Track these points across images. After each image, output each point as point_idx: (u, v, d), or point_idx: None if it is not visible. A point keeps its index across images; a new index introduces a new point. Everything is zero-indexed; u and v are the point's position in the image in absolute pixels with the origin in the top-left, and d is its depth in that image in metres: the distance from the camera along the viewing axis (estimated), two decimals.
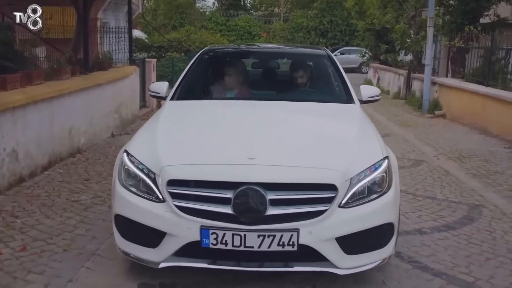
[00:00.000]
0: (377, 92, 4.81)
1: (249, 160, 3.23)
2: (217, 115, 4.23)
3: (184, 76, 4.91)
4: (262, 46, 6.23)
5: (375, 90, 4.84)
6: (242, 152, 3.32)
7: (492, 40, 11.06)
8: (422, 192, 5.90)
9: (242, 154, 3.29)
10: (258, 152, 3.32)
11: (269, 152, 3.39)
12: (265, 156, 3.31)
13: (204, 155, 3.39)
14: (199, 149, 3.48)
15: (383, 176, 3.39)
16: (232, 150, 3.41)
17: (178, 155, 3.40)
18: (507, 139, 9.08)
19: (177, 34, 23.53)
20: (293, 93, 4.88)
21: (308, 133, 3.78)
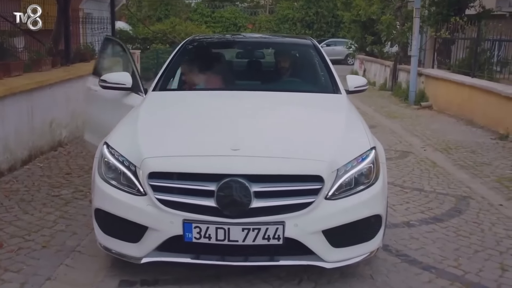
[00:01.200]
0: (363, 82, 4.72)
1: (232, 152, 3.13)
2: (200, 106, 4.10)
3: (167, 66, 4.77)
4: (247, 36, 6.11)
5: (362, 80, 4.74)
6: (225, 143, 3.21)
7: (478, 31, 11.04)
8: (410, 184, 5.84)
9: (226, 145, 3.18)
10: (242, 143, 3.22)
11: (253, 143, 3.28)
12: (249, 147, 3.20)
13: (186, 147, 3.28)
14: (181, 140, 3.36)
15: (370, 167, 3.30)
16: (215, 141, 3.30)
17: (159, 147, 3.28)
18: (493, 130, 9.06)
19: (162, 25, 23.29)
20: (278, 83, 4.78)
21: (294, 123, 3.67)
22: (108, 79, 4.55)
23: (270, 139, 3.37)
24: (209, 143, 3.30)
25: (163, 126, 3.62)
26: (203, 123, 3.64)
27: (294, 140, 3.37)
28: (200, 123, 3.65)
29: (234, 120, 3.66)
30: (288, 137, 3.41)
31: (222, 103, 4.14)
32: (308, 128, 3.59)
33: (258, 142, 3.31)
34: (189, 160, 3.15)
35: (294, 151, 3.22)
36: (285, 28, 35.82)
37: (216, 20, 35.36)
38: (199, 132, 3.49)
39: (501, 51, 11.95)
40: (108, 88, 4.57)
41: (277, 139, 3.38)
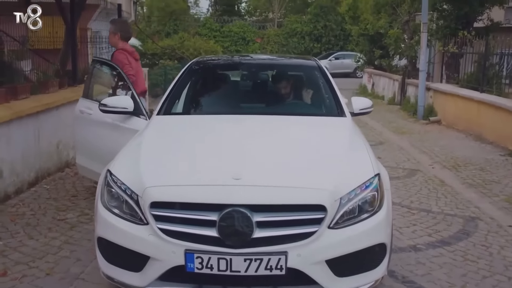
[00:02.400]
0: (368, 104, 4.68)
1: (234, 181, 3.10)
2: (203, 132, 4.08)
3: (172, 89, 4.78)
4: (252, 57, 6.10)
5: (367, 102, 4.71)
6: (227, 172, 3.19)
7: (486, 45, 10.99)
8: (417, 204, 5.78)
9: (228, 174, 3.16)
10: (244, 171, 3.20)
11: (255, 171, 3.26)
12: (251, 176, 3.18)
13: (188, 176, 3.26)
14: (183, 169, 3.35)
15: (374, 195, 3.26)
16: (217, 170, 3.28)
17: (161, 176, 3.27)
18: (502, 146, 8.98)
19: (170, 41, 23.46)
20: (283, 106, 4.76)
21: (297, 150, 3.64)
22: (109, 103, 4.57)
23: (272, 166, 3.34)
24: (211, 171, 3.28)
25: (165, 154, 3.61)
26: (205, 151, 3.62)
27: (297, 167, 3.34)
28: (203, 151, 3.63)
29: (237, 147, 3.63)
30: (290, 165, 3.38)
31: (225, 128, 4.13)
32: (311, 155, 3.56)
33: (260, 170, 3.28)
34: (190, 190, 3.14)
35: (297, 179, 3.19)
36: (293, 42, 35.89)
37: (224, 34, 35.51)
38: (202, 160, 3.47)
39: (510, 65, 11.86)
40: (108, 112, 4.60)
41: (279, 166, 3.35)
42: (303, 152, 3.59)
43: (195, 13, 40.74)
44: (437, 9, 14.57)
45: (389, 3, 17.69)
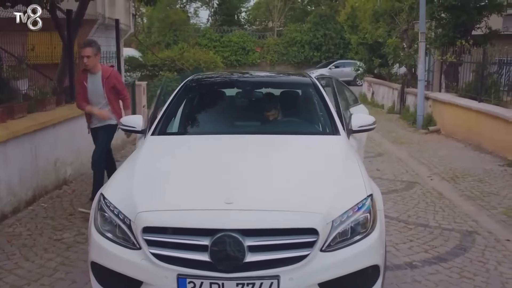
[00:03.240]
0: (368, 121, 4.57)
1: (226, 205, 3.10)
2: (197, 153, 4.07)
3: (167, 108, 4.78)
4: (247, 75, 6.09)
5: (367, 119, 4.61)
6: (219, 196, 3.19)
7: (484, 53, 10.99)
8: (415, 219, 5.76)
9: (219, 198, 3.16)
10: (236, 195, 3.19)
11: (247, 195, 3.25)
12: (243, 199, 3.18)
13: (180, 200, 3.25)
14: (175, 193, 3.35)
15: (367, 216, 3.26)
16: (209, 194, 3.27)
17: (153, 201, 3.27)
18: (501, 156, 8.97)
19: (170, 52, 23.50)
20: (277, 124, 4.75)
21: (289, 172, 3.63)
22: (123, 121, 4.82)
23: (264, 190, 3.33)
24: (203, 196, 3.27)
25: (158, 178, 3.61)
26: (198, 174, 3.61)
27: (289, 190, 3.33)
28: (195, 174, 3.62)
29: (230, 170, 3.62)
30: (282, 187, 3.37)
31: (218, 150, 4.11)
32: (304, 176, 3.54)
33: (252, 193, 3.27)
34: (182, 215, 3.13)
35: (289, 203, 3.18)
36: (293, 50, 35.98)
37: (224, 44, 35.63)
38: (194, 184, 3.46)
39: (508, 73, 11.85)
40: (125, 130, 4.85)
41: (271, 189, 3.34)
42: (295, 174, 3.58)
43: (195, 23, 40.91)
44: (435, 17, 14.61)
45: (388, 12, 17.74)
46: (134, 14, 20.41)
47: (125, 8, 17.69)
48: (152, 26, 37.09)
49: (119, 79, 6.25)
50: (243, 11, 43.77)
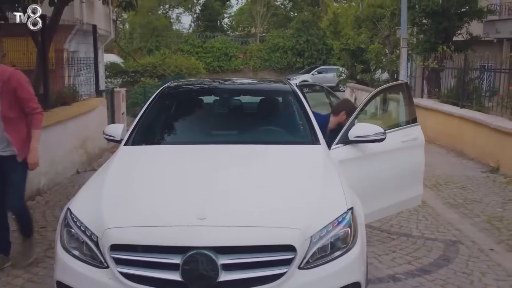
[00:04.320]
0: (370, 131, 4.26)
1: (199, 221, 2.94)
2: (171, 165, 3.88)
3: (141, 117, 4.60)
4: (225, 82, 5.93)
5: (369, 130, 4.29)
6: (192, 211, 3.02)
7: (465, 59, 10.98)
8: (397, 228, 5.64)
9: (192, 214, 2.99)
10: (209, 210, 3.03)
11: (221, 209, 3.08)
12: (216, 215, 3.01)
13: (150, 215, 3.07)
14: (146, 208, 3.16)
15: (347, 231, 3.11)
16: (181, 209, 3.10)
17: (122, 216, 3.09)
18: (483, 162, 8.93)
19: (151, 58, 23.32)
20: (255, 133, 4.56)
21: (266, 184, 3.45)
22: (106, 131, 4.57)
23: (239, 204, 3.16)
24: (175, 211, 3.10)
25: (128, 192, 3.42)
26: (171, 187, 3.42)
27: (265, 204, 3.16)
28: (168, 187, 3.43)
29: (204, 183, 3.43)
30: (259, 201, 3.20)
31: (193, 161, 3.91)
32: (281, 189, 3.38)
33: (227, 208, 3.10)
34: (152, 232, 2.96)
35: (265, 218, 3.02)
36: (276, 56, 35.96)
37: (207, 50, 35.47)
38: (166, 198, 3.27)
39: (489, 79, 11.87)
40: (108, 140, 4.61)
41: (247, 204, 3.17)
42: (272, 187, 3.41)
43: (177, 29, 40.69)
44: (416, 23, 14.63)
45: (370, 18, 17.74)
46: (115, 20, 20.17)
47: (105, 13, 17.44)
48: (134, 32, 36.81)
49: (22, 83, 4.39)
50: (225, 17, 43.73)
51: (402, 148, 4.88)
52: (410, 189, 5.09)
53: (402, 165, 4.88)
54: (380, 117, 12.16)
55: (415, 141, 5.07)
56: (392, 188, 4.81)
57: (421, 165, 5.19)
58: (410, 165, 5.01)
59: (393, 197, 4.90)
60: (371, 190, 4.52)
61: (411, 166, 5.03)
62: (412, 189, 5.13)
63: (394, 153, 4.77)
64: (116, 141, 4.51)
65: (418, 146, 5.13)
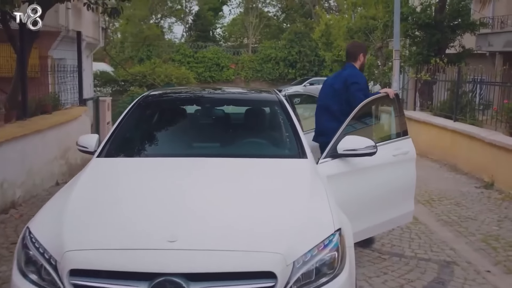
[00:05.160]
0: (361, 145, 3.96)
1: (168, 244, 2.63)
2: (143, 180, 3.57)
3: (116, 127, 4.30)
4: (208, 91, 5.63)
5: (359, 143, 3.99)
6: (162, 233, 2.71)
7: (458, 72, 10.79)
8: (389, 248, 5.35)
9: (162, 236, 2.69)
10: (181, 232, 2.73)
11: (194, 231, 2.77)
12: (188, 237, 2.71)
13: (115, 237, 2.76)
14: (111, 228, 2.85)
15: (334, 255, 2.81)
16: (150, 230, 2.78)
17: (84, 237, 2.77)
18: (477, 177, 8.68)
19: (141, 68, 23.05)
20: (238, 146, 4.26)
21: (246, 203, 3.15)
22: (79, 142, 4.22)
23: (215, 225, 2.85)
24: (142, 232, 2.78)
25: (94, 210, 3.09)
26: (140, 205, 3.11)
27: (244, 225, 2.86)
28: (138, 205, 3.11)
29: (178, 201, 3.13)
30: (237, 222, 2.89)
31: (169, 176, 3.61)
32: (262, 208, 3.08)
33: (201, 229, 2.80)
34: (116, 255, 2.65)
35: (242, 241, 2.72)
36: (268, 67, 35.81)
37: (198, 60, 35.24)
38: (134, 217, 2.96)
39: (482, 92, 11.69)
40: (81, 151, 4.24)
41: (224, 225, 2.86)
42: (253, 206, 3.11)
43: (170, 39, 40.47)
44: (409, 35, 14.51)
45: (362, 30, 17.62)
46: (104, 28, 19.89)
47: (94, 21, 17.16)
48: (126, 40, 36.55)
49: None
50: (218, 27, 43.60)
51: (393, 163, 4.65)
52: (401, 206, 4.86)
53: (394, 180, 4.65)
54: None
55: (407, 155, 4.83)
56: (383, 205, 4.58)
57: (412, 180, 4.96)
58: (401, 180, 4.79)
59: (384, 215, 4.65)
60: (361, 207, 4.28)
61: (402, 181, 4.81)
62: (404, 206, 4.90)
63: (385, 168, 4.53)
64: (90, 153, 4.20)
65: (409, 160, 4.89)
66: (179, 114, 4.67)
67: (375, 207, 4.49)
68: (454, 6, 13.78)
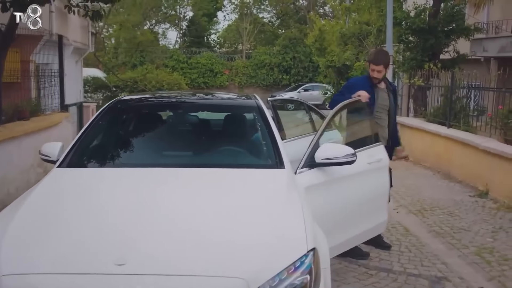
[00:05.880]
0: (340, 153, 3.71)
1: (115, 268, 2.32)
2: (102, 194, 3.25)
3: (82, 134, 4.00)
4: (182, 96, 5.30)
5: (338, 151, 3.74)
6: (109, 255, 2.41)
7: (452, 77, 10.52)
8: (377, 262, 5.04)
9: (109, 259, 2.38)
10: (131, 254, 2.42)
11: (146, 253, 2.45)
12: (139, 260, 2.39)
13: (57, 260, 2.44)
14: (53, 250, 2.52)
15: (306, 279, 2.51)
16: (98, 253, 2.47)
17: (23, 260, 2.46)
18: (471, 185, 8.39)
19: (133, 73, 22.77)
20: (211, 155, 3.95)
21: (210, 220, 2.82)
22: (42, 150, 4.00)
23: (172, 245, 2.53)
24: (90, 254, 2.46)
25: (41, 227, 2.75)
26: (93, 223, 2.78)
27: (204, 245, 2.54)
28: (90, 223, 2.79)
29: (135, 218, 2.81)
30: (197, 241, 2.57)
31: (131, 189, 3.28)
32: (227, 226, 2.76)
33: (154, 251, 2.48)
34: (56, 280, 2.33)
35: (200, 264, 2.41)
36: (262, 73, 35.57)
37: (192, 66, 34.93)
38: (84, 237, 2.64)
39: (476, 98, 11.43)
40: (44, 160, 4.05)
41: (180, 245, 2.54)
42: (217, 223, 2.79)
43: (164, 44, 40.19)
44: (403, 41, 14.27)
45: (356, 35, 17.35)
46: (95, 33, 19.57)
47: (82, 26, 16.87)
48: (120, 46, 36.27)
49: None
50: (212, 33, 43.36)
51: (368, 171, 4.46)
52: (376, 216, 4.72)
53: (369, 189, 4.48)
54: None
55: (380, 163, 4.69)
56: (360, 216, 4.39)
57: (386, 189, 4.91)
58: (376, 189, 4.65)
59: (361, 226, 4.46)
60: (338, 219, 4.02)
61: (377, 190, 4.67)
62: (379, 216, 4.77)
63: (361, 177, 4.32)
64: (52, 162, 3.89)
65: (383, 168, 4.81)
66: (149, 120, 4.36)
67: (352, 218, 4.28)
68: (448, 11, 13.56)
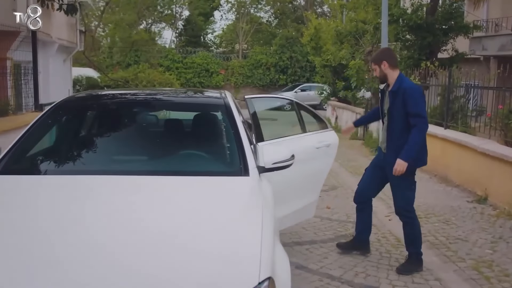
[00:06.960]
0: (282, 157, 3.38)
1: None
2: (35, 207, 2.73)
3: (22, 137, 3.49)
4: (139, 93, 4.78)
5: (280, 154, 3.40)
6: (25, 282, 1.92)
7: (449, 76, 10.02)
8: (362, 279, 4.53)
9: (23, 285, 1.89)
10: (51, 280, 1.94)
11: (65, 280, 1.97)
12: None
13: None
14: None
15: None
16: (10, 279, 1.98)
17: None
18: (469, 190, 7.89)
19: (124, 73, 22.31)
20: (168, 160, 3.44)
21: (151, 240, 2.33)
22: None
23: (98, 273, 2.03)
24: (7, 283, 1.97)
25: None
26: (13, 244, 2.27)
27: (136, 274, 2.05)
28: (10, 243, 2.28)
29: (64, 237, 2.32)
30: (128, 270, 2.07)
31: (68, 201, 2.78)
32: (169, 249, 2.27)
33: (76, 278, 1.99)
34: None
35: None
36: (258, 73, 35.09)
37: (187, 66, 34.41)
38: (6, 260, 2.14)
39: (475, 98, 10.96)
40: None
41: (108, 272, 2.05)
42: (158, 246, 2.28)
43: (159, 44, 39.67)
44: (400, 39, 13.85)
45: (352, 33, 16.92)
46: (84, 31, 19.10)
47: (69, 23, 16.42)
48: (115, 45, 35.78)
49: None
50: (209, 33, 42.85)
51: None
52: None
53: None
54: None
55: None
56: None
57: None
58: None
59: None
60: None
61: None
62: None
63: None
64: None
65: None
66: (101, 121, 3.87)
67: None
68: (446, 8, 13.13)
